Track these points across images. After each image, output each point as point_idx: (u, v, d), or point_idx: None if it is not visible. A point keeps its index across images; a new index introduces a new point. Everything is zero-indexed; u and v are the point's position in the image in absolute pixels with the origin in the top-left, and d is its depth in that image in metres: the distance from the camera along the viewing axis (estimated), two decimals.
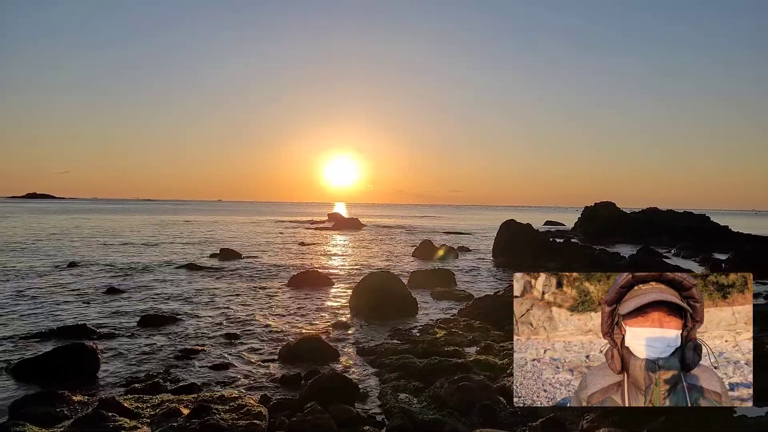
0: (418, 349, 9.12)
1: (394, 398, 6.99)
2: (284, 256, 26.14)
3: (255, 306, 13.26)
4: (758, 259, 24.99)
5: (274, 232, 46.13)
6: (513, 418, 6.20)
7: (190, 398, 6.74)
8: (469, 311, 12.45)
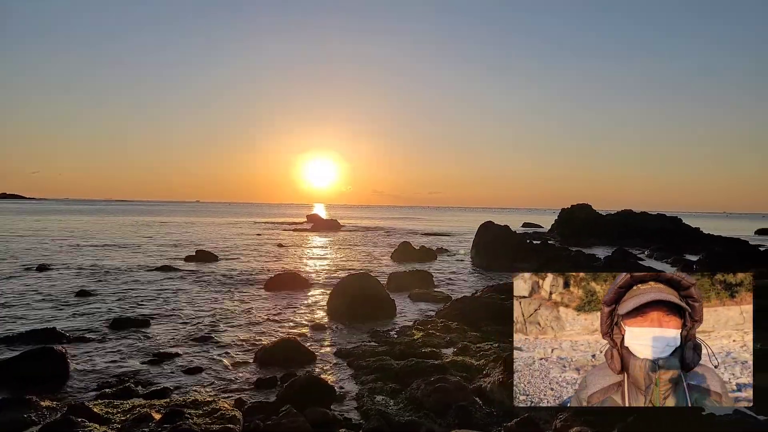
0: (395, 351, 9.12)
1: (371, 400, 6.97)
2: (261, 258, 25.90)
3: (231, 309, 13.10)
4: (728, 261, 25.66)
5: (251, 234, 45.69)
6: (488, 418, 6.24)
7: (162, 403, 6.62)
8: (447, 312, 12.50)
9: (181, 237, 39.11)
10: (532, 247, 27.60)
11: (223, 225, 60.36)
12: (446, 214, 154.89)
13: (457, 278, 21.01)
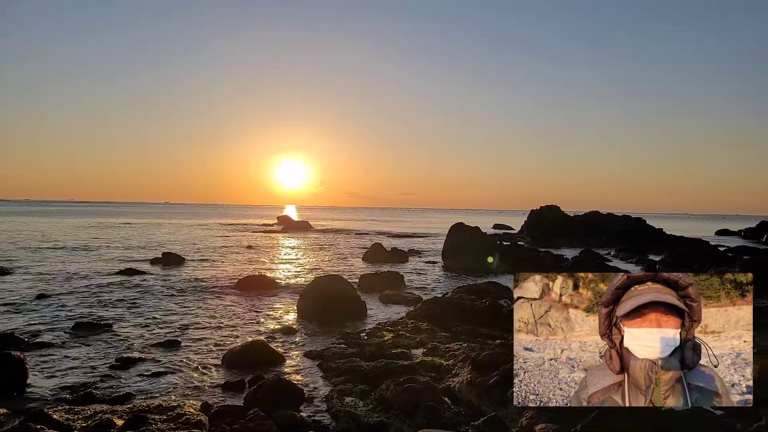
0: (365, 353, 9.11)
1: (340, 402, 6.95)
2: (230, 261, 25.55)
3: (198, 312, 12.88)
4: (689, 260, 26.51)
5: (220, 236, 45.01)
6: (457, 417, 6.29)
7: (125, 408, 6.46)
8: (417, 313, 12.55)
9: (146, 239, 38.27)
10: (502, 248, 27.99)
11: (192, 227, 59.33)
12: (419, 215, 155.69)
13: (428, 279, 21.12)
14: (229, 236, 45.01)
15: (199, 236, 43.75)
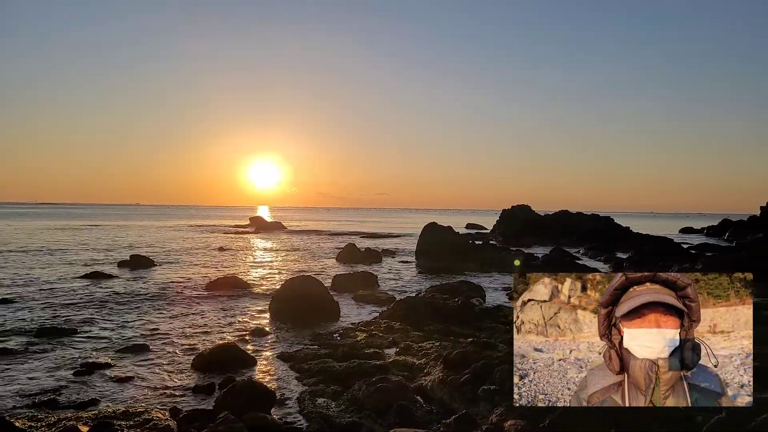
0: (338, 353, 9.09)
1: (312, 403, 6.91)
2: (201, 263, 25.16)
3: (167, 315, 12.63)
4: (655, 258, 27.24)
5: (191, 237, 44.28)
6: (429, 416, 6.32)
7: (90, 415, 6.31)
8: (390, 313, 12.57)
9: (114, 242, 37.37)
10: (475, 248, 28.29)
11: (162, 228, 58.22)
12: (393, 215, 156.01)
13: (402, 279, 21.19)
14: (200, 238, 44.33)
15: (169, 238, 42.95)
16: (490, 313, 12.53)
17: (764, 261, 20.43)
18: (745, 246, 33.89)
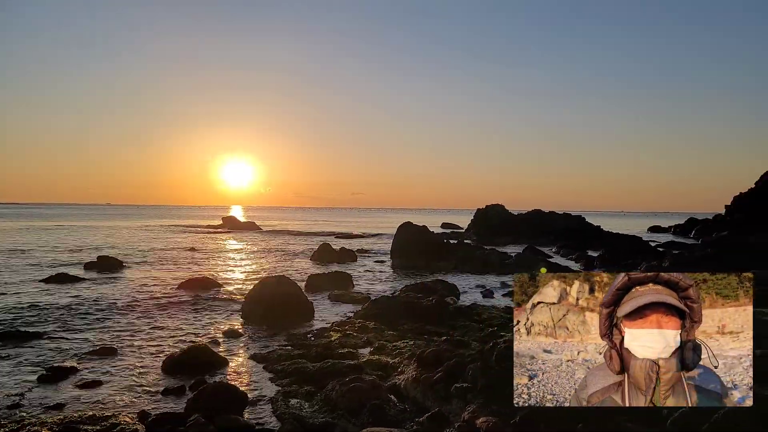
0: (311, 354, 9.03)
1: (285, 404, 6.86)
2: (172, 263, 24.70)
3: (135, 317, 12.34)
4: (625, 255, 27.84)
5: (161, 238, 43.46)
6: (402, 415, 6.32)
7: (55, 420, 6.14)
8: (365, 313, 12.55)
9: (81, 242, 36.39)
10: (449, 247, 28.43)
11: (132, 229, 56.97)
12: (368, 215, 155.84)
13: (377, 278, 21.18)
14: (171, 238, 43.54)
15: (139, 238, 42.06)
16: (464, 312, 12.61)
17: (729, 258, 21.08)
18: (710, 244, 34.91)
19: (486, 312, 12.81)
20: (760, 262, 18.83)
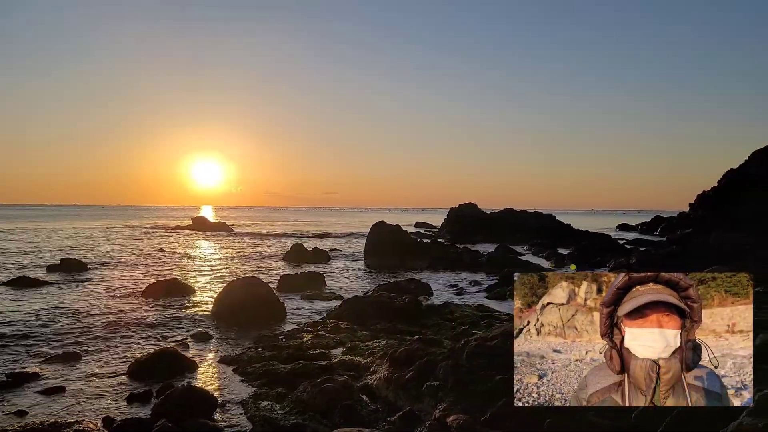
0: (282, 355, 8.94)
1: (256, 406, 6.77)
2: (140, 265, 24.14)
3: (101, 321, 11.99)
4: (594, 253, 28.41)
5: (128, 239, 42.46)
6: (374, 414, 6.31)
7: (16, 427, 5.93)
8: (338, 313, 12.50)
9: (44, 245, 35.25)
10: (422, 246, 28.55)
11: (98, 229, 55.51)
12: (342, 214, 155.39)
13: (350, 278, 21.13)
14: (139, 239, 42.58)
15: (105, 239, 41.01)
16: (437, 311, 12.67)
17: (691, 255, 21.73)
18: (675, 241, 35.94)
19: (458, 310, 12.90)
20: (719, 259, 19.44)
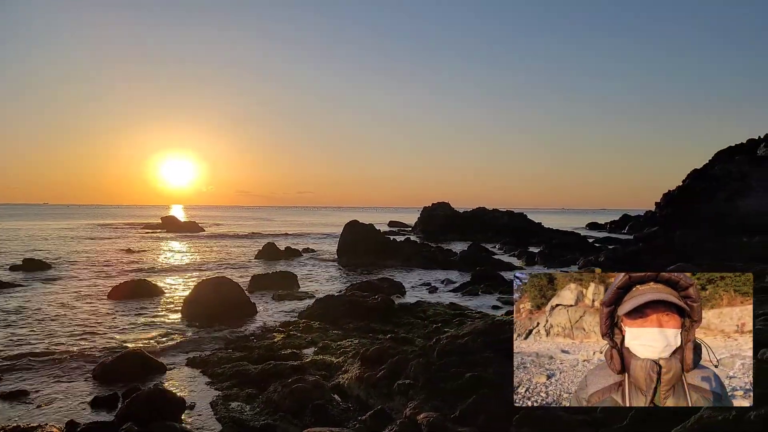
0: (253, 356, 8.84)
1: (225, 408, 6.67)
2: (106, 266, 23.53)
3: (66, 323, 11.66)
4: (564, 251, 28.90)
5: (95, 238, 41.40)
6: (345, 414, 6.29)
7: None
8: (310, 312, 12.42)
9: (6, 244, 34.11)
10: (395, 245, 28.59)
11: (65, 229, 53.95)
12: (316, 214, 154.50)
13: (322, 277, 21.03)
14: (106, 239, 41.57)
15: (72, 239, 39.90)
16: (409, 309, 12.71)
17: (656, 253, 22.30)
18: (641, 239, 36.84)
19: (431, 309, 12.96)
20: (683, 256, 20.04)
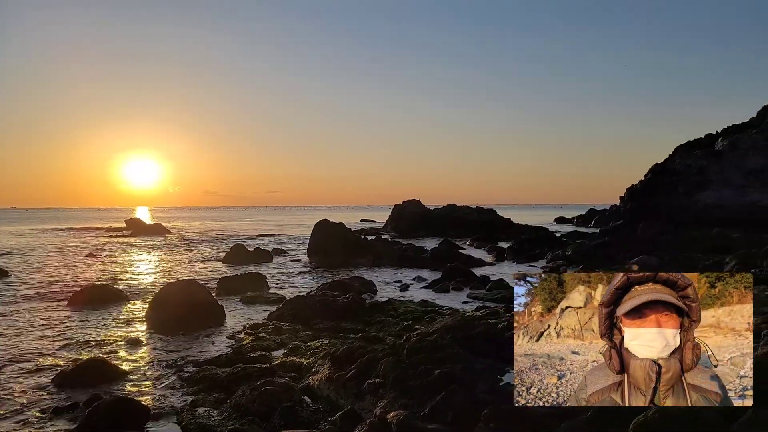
0: (221, 359, 8.66)
1: (192, 414, 6.50)
2: (66, 271, 22.75)
3: (21, 331, 11.16)
4: (532, 246, 29.35)
5: (56, 243, 40.06)
6: (315, 415, 6.20)
7: None
8: (280, 314, 12.24)
9: None
10: (366, 243, 28.52)
11: (24, 233, 52.03)
12: (286, 213, 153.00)
13: (293, 278, 20.81)
14: (67, 243, 40.27)
15: (29, 243, 38.47)
16: (380, 308, 12.66)
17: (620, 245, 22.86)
18: (607, 232, 37.74)
19: (402, 306, 12.95)
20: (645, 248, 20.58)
